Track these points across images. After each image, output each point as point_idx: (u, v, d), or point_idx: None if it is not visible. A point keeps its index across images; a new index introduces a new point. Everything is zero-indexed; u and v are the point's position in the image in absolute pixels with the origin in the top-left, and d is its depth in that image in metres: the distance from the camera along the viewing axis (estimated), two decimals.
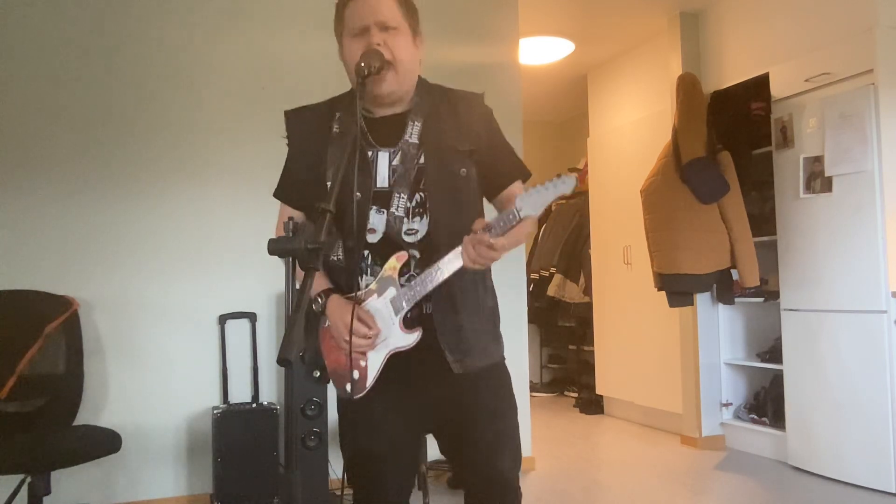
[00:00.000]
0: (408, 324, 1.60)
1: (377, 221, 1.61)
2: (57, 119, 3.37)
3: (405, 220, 1.61)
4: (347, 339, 1.56)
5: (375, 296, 1.60)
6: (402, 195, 1.60)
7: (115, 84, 3.47)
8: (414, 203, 1.61)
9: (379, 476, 1.69)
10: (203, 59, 3.60)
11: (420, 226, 1.61)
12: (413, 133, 1.63)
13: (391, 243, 1.61)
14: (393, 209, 1.60)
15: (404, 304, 1.58)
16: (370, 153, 1.62)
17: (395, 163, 1.62)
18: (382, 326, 1.59)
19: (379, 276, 1.60)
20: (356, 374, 1.61)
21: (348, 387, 1.62)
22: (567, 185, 1.52)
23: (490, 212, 1.77)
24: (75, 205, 3.37)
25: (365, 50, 1.56)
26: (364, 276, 1.63)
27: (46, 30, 3.38)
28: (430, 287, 1.56)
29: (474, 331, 1.64)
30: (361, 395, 1.61)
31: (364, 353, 1.61)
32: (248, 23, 3.65)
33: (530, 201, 1.51)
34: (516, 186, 1.76)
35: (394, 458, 1.69)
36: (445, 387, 1.63)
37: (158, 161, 3.50)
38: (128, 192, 3.45)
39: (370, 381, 1.61)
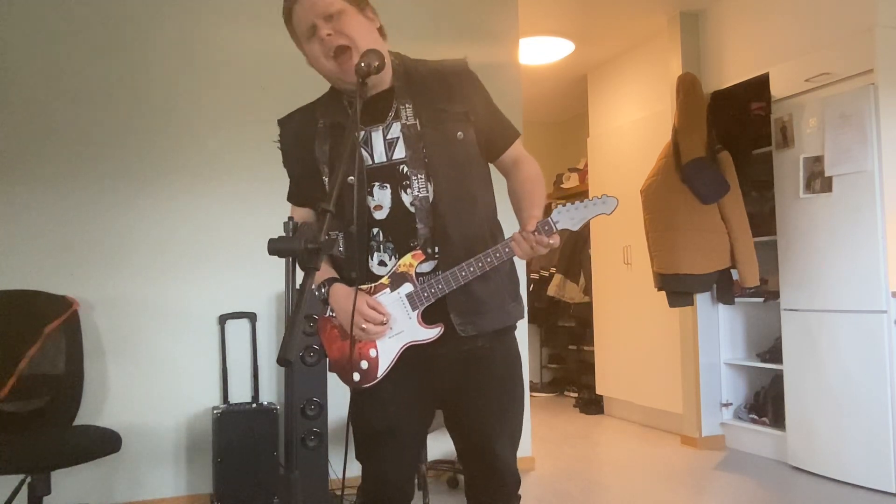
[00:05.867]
0: (427, 318, 1.60)
1: (382, 197, 1.62)
2: (56, 119, 3.37)
3: (421, 192, 1.60)
4: (361, 326, 1.57)
5: (388, 290, 1.60)
6: (419, 175, 1.60)
7: (115, 84, 3.47)
8: (424, 173, 1.61)
9: (387, 452, 1.70)
10: (203, 59, 3.60)
11: (429, 193, 1.61)
12: (408, 115, 1.63)
13: (400, 216, 1.61)
14: (415, 191, 1.59)
15: (424, 300, 1.58)
16: (362, 134, 1.63)
17: (389, 137, 1.62)
18: (397, 319, 1.60)
19: (393, 272, 1.60)
20: (365, 365, 1.62)
21: (356, 376, 1.62)
22: (609, 205, 1.59)
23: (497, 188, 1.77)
24: (75, 205, 3.37)
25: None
26: (376, 252, 1.63)
27: (47, 30, 3.38)
28: (452, 286, 1.57)
29: (488, 291, 1.63)
30: (371, 384, 1.62)
31: (374, 343, 1.61)
32: (248, 23, 3.65)
33: (569, 216, 1.56)
34: (517, 147, 1.77)
35: (402, 435, 1.70)
36: (454, 361, 1.65)
37: (158, 161, 3.50)
38: (128, 192, 3.45)
39: (381, 372, 1.61)
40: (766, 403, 4.31)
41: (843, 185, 3.61)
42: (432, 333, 1.59)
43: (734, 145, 4.29)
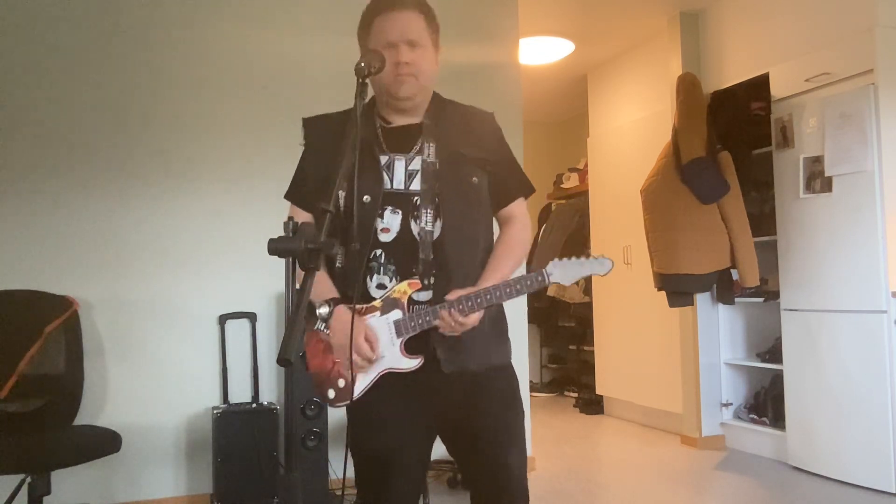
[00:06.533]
0: (409, 348, 1.60)
1: (392, 221, 1.64)
2: (56, 120, 3.37)
3: (427, 226, 1.64)
4: (349, 355, 1.57)
5: (378, 313, 1.61)
6: (429, 210, 1.64)
7: (115, 85, 3.46)
8: (433, 209, 1.65)
9: (389, 478, 1.69)
10: (204, 59, 3.59)
11: (435, 228, 1.65)
12: (430, 152, 1.68)
13: (405, 243, 1.63)
14: (422, 223, 1.63)
15: (409, 329, 1.59)
16: (386, 158, 1.67)
17: (410, 168, 1.67)
18: (381, 345, 1.60)
19: (386, 296, 1.61)
20: (342, 383, 1.62)
21: (331, 393, 1.63)
22: (604, 267, 1.63)
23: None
24: (75, 205, 3.37)
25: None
26: (377, 274, 1.64)
27: (47, 30, 3.38)
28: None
29: (471, 333, 1.63)
30: (343, 405, 1.63)
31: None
32: (248, 23, 3.65)
33: (563, 271, 1.60)
34: (517, 205, 1.81)
35: (404, 460, 1.69)
36: (452, 389, 1.65)
37: (159, 161, 3.50)
38: (128, 193, 3.45)
39: (357, 393, 1.61)
40: (766, 403, 4.31)
41: (843, 185, 3.61)
42: (412, 364, 1.60)
43: (734, 145, 4.28)
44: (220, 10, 3.63)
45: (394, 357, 1.61)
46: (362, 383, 1.61)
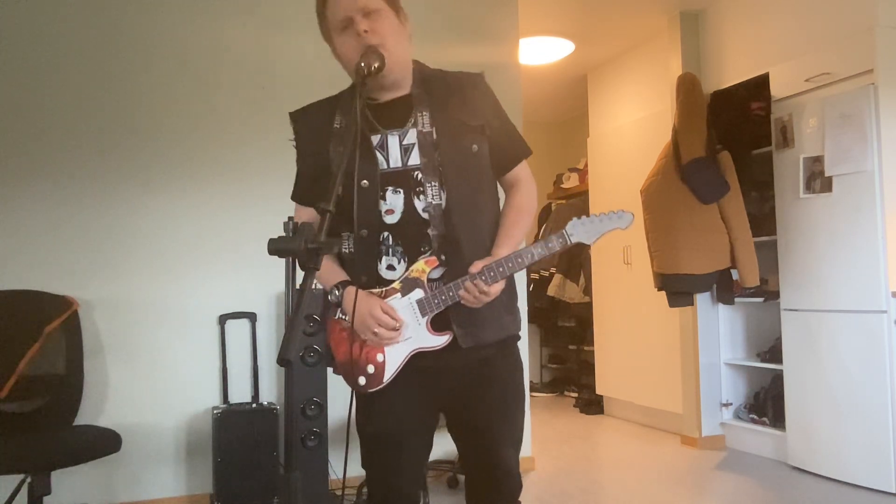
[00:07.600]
0: (436, 325, 1.60)
1: (394, 201, 1.61)
2: (55, 120, 3.37)
3: (435, 199, 1.61)
4: (375, 330, 1.57)
5: (399, 295, 1.60)
6: (433, 182, 1.60)
7: (114, 85, 3.47)
8: (438, 181, 1.61)
9: (395, 459, 1.69)
10: (203, 60, 3.60)
11: (442, 200, 1.62)
12: (425, 123, 1.63)
13: (411, 222, 1.61)
14: (429, 198, 1.59)
15: (434, 307, 1.58)
16: (378, 137, 1.62)
17: (405, 142, 1.62)
18: (407, 325, 1.60)
19: (405, 277, 1.60)
20: (371, 369, 1.61)
21: (361, 380, 1.62)
22: (624, 220, 1.62)
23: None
24: (75, 205, 3.37)
25: (364, 50, 1.56)
26: (385, 256, 1.63)
27: (45, 30, 3.38)
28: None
29: (487, 304, 1.61)
30: (376, 389, 1.62)
31: (381, 348, 1.61)
32: (246, 24, 3.65)
33: (584, 229, 1.58)
34: (521, 168, 1.78)
35: (411, 441, 1.70)
36: (459, 369, 1.65)
37: (158, 161, 3.50)
38: (128, 193, 3.45)
39: (388, 377, 1.61)
40: (766, 403, 4.30)
41: (843, 185, 3.61)
42: (441, 341, 1.60)
43: (734, 145, 4.29)
44: (220, 12, 3.63)
45: (421, 336, 1.60)
46: (392, 366, 1.61)
